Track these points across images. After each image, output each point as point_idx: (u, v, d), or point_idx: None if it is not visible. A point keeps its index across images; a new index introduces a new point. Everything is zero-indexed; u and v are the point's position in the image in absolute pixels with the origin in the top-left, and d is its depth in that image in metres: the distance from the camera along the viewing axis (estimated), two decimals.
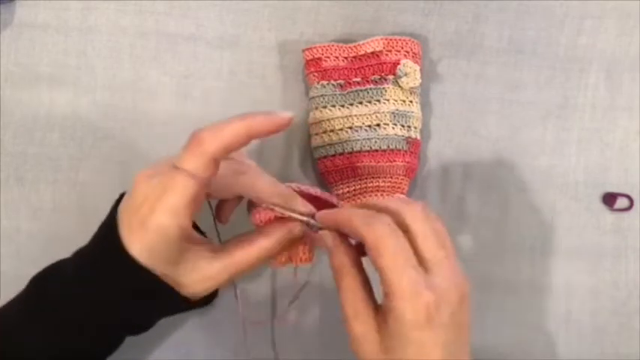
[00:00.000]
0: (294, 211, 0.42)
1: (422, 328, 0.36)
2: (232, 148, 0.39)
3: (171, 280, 0.40)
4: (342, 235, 0.41)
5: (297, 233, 0.43)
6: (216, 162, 0.39)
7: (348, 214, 0.40)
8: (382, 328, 0.38)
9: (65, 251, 0.43)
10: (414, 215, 0.39)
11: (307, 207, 0.43)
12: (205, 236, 0.46)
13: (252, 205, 0.44)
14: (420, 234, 0.38)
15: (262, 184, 0.42)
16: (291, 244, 0.43)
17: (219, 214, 0.46)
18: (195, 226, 0.46)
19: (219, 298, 0.53)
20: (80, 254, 0.42)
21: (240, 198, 0.46)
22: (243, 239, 0.43)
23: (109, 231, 0.40)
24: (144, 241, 0.39)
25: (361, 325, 0.38)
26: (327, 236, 0.41)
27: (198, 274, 0.41)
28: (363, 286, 0.40)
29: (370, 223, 0.38)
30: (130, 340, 0.52)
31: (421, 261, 0.38)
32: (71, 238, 0.42)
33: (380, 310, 0.39)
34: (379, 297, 0.40)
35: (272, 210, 0.42)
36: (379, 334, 0.38)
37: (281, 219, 0.43)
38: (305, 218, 0.42)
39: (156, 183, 0.39)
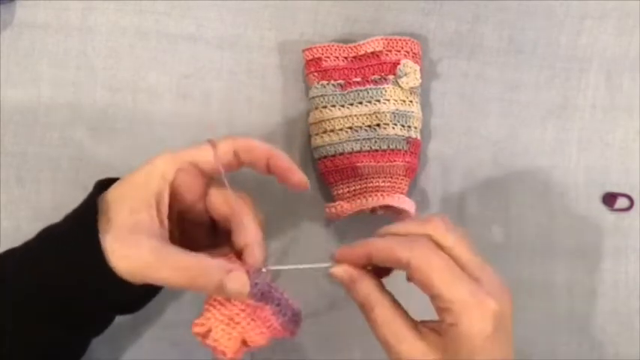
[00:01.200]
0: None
1: (490, 337, 0.35)
2: (253, 156, 0.42)
3: (109, 242, 0.38)
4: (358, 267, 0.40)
5: (236, 283, 0.39)
6: (235, 155, 0.41)
7: (385, 243, 0.39)
8: (438, 346, 0.37)
9: None
10: (440, 230, 0.39)
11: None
12: None
13: None
14: (454, 246, 0.38)
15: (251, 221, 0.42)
16: (222, 295, 0.40)
17: None
18: None
19: None
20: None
21: None
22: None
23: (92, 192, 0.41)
24: (131, 177, 0.40)
25: (411, 348, 0.37)
26: (344, 271, 0.40)
27: (131, 240, 0.38)
28: (398, 310, 0.39)
29: (410, 246, 0.37)
30: (129, 340, 0.52)
31: (466, 272, 0.37)
32: None
33: (424, 330, 0.38)
34: None
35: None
36: (435, 353, 0.37)
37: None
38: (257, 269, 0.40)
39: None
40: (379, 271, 0.41)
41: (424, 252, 0.37)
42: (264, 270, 0.40)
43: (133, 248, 0.38)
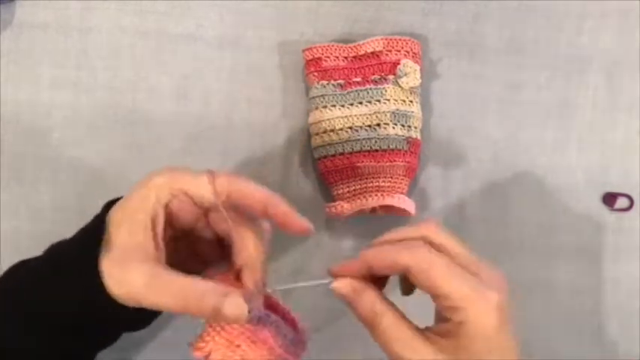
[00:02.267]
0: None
1: (497, 328, 0.36)
2: (246, 202, 0.40)
3: (106, 266, 0.38)
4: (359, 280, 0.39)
5: (234, 308, 0.37)
6: (230, 196, 0.39)
7: (383, 251, 0.39)
8: (448, 349, 0.37)
9: None
10: (433, 229, 0.39)
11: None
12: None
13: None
14: (448, 246, 0.38)
15: (256, 241, 0.41)
16: (219, 320, 0.38)
17: None
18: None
19: None
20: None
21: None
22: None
23: (100, 213, 0.41)
24: (127, 200, 0.39)
25: (423, 355, 0.37)
26: (348, 284, 0.39)
27: (125, 264, 0.38)
28: (404, 319, 0.38)
29: (409, 250, 0.37)
30: (131, 341, 0.52)
31: (464, 268, 0.37)
32: None
33: (431, 335, 0.38)
34: None
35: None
36: (445, 356, 0.36)
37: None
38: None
39: (179, 166, 0.40)
40: (374, 284, 0.40)
41: (423, 254, 0.37)
42: (268, 290, 0.40)
43: (126, 273, 0.38)
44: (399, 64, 0.52)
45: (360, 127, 0.52)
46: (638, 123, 0.56)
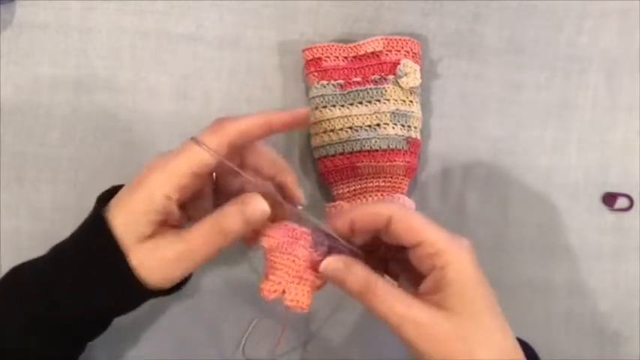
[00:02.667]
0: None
1: (477, 268, 0.38)
2: (250, 135, 0.42)
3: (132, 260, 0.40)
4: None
5: (263, 209, 0.41)
6: (230, 145, 0.41)
7: (363, 207, 0.41)
8: (438, 303, 0.38)
9: None
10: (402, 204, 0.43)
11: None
12: None
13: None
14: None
15: (265, 151, 0.44)
16: (261, 224, 0.42)
17: None
18: None
19: (219, 298, 0.53)
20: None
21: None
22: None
23: (95, 209, 0.42)
24: (129, 202, 0.40)
25: (421, 311, 0.38)
26: (338, 259, 0.40)
27: (159, 255, 0.40)
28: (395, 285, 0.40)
29: (388, 203, 0.41)
30: (129, 340, 0.52)
31: None
32: None
33: (420, 296, 0.39)
34: None
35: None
36: (442, 311, 0.37)
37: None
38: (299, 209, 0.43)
39: (167, 152, 0.41)
40: None
41: (402, 207, 0.40)
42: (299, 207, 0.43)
43: (164, 267, 0.40)
44: (399, 64, 0.52)
45: (360, 127, 0.52)
46: (638, 123, 0.56)
